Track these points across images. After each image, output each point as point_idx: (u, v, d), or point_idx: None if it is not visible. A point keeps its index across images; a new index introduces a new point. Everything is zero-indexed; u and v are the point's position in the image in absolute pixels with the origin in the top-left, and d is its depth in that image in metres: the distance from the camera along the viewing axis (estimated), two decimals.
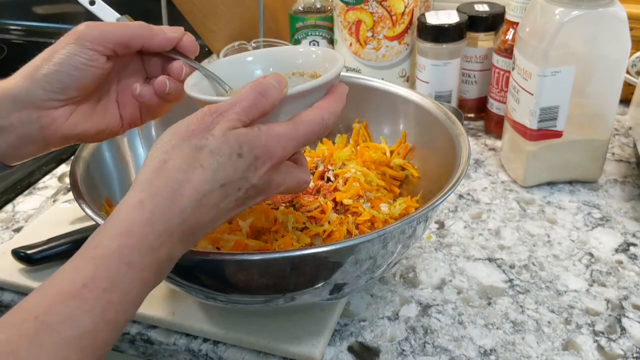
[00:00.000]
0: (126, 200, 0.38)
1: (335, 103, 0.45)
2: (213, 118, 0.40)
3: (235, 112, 0.40)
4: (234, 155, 0.39)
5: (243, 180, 0.40)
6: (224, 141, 0.39)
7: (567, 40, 0.66)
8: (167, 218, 0.37)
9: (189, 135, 0.39)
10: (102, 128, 0.50)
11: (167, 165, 0.38)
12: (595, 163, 0.74)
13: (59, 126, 0.47)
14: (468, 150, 0.54)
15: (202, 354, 0.54)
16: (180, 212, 0.38)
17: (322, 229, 0.54)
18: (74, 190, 0.51)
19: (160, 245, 0.37)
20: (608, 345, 0.54)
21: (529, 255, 0.65)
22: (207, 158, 0.39)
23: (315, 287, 0.49)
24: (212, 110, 0.40)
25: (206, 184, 0.38)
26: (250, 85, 0.42)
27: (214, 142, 0.39)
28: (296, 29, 0.96)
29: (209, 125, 0.40)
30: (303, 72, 0.52)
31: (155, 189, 0.38)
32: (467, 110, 0.91)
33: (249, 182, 0.40)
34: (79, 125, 0.48)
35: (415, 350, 0.54)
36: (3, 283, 0.61)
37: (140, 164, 0.64)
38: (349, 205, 0.58)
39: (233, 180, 0.39)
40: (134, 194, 0.38)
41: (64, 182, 0.78)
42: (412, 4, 0.88)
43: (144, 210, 0.37)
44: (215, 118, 0.40)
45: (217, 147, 0.39)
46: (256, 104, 0.41)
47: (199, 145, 0.39)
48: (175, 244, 0.38)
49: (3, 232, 0.70)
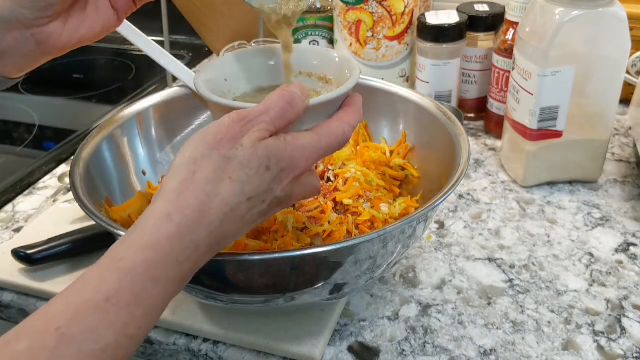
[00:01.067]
0: (153, 211, 0.37)
1: (354, 115, 0.45)
2: (242, 126, 0.40)
3: (264, 122, 0.40)
4: (262, 168, 0.39)
5: (268, 192, 0.40)
6: (253, 153, 0.39)
7: (567, 40, 0.66)
8: (195, 231, 0.37)
9: (216, 144, 0.39)
10: (99, 28, 0.49)
11: (196, 176, 0.38)
12: (595, 163, 0.74)
13: (57, 39, 0.47)
14: (468, 150, 0.54)
15: (202, 354, 0.54)
16: (208, 225, 0.37)
17: (322, 229, 0.54)
18: (74, 190, 0.51)
19: (187, 258, 0.37)
20: (608, 345, 0.54)
21: (529, 255, 0.65)
22: (236, 170, 0.38)
23: (315, 287, 0.49)
24: (241, 117, 0.40)
25: (234, 197, 0.38)
26: (277, 94, 0.41)
27: (243, 153, 0.39)
28: (296, 29, 0.96)
29: (238, 134, 0.39)
30: (311, 73, 0.52)
31: (184, 202, 0.37)
32: (467, 110, 0.91)
33: (273, 194, 0.40)
34: (76, 33, 0.48)
35: (415, 350, 0.54)
36: (3, 283, 0.61)
37: (140, 164, 0.64)
38: (349, 205, 0.58)
39: (259, 193, 0.39)
40: (161, 205, 0.37)
41: (64, 182, 0.78)
42: (412, 4, 0.88)
43: (171, 223, 0.36)
44: (244, 126, 0.40)
45: (246, 160, 0.39)
46: (284, 114, 0.41)
47: (227, 155, 0.39)
48: (200, 257, 0.38)
49: (3, 232, 0.70)
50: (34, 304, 0.60)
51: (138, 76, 1.13)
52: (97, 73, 1.17)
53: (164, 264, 0.36)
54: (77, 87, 1.13)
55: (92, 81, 1.15)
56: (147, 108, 0.65)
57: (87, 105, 1.05)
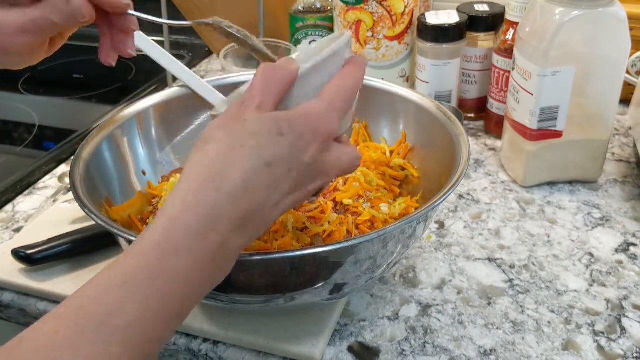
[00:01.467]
0: (170, 195, 0.37)
1: (355, 68, 0.43)
2: (239, 108, 0.39)
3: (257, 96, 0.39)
4: (273, 134, 0.38)
5: (293, 159, 0.38)
6: (261, 122, 0.38)
7: (567, 40, 0.66)
8: (211, 203, 0.36)
9: (222, 125, 0.39)
10: None
11: (207, 152, 0.38)
12: (595, 163, 0.74)
13: None
14: (468, 150, 0.54)
15: (202, 354, 0.54)
16: (227, 194, 0.36)
17: (322, 229, 0.54)
18: (74, 190, 0.51)
19: (210, 230, 0.36)
20: (608, 345, 0.54)
21: (529, 255, 0.65)
22: (247, 139, 0.38)
23: (315, 287, 0.49)
24: (237, 103, 0.40)
25: (250, 162, 0.37)
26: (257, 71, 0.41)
27: (250, 125, 0.38)
28: (296, 29, 0.96)
29: (238, 115, 0.39)
30: None
31: (196, 177, 0.37)
32: (467, 110, 0.91)
33: (300, 161, 0.39)
34: None
35: (415, 350, 0.54)
36: (3, 283, 0.61)
37: (140, 164, 0.64)
38: (349, 205, 0.58)
39: (279, 158, 0.38)
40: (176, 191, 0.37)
41: (64, 182, 0.78)
42: (412, 4, 0.88)
43: (186, 201, 0.36)
44: (241, 108, 0.39)
45: (255, 129, 0.38)
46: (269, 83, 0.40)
47: (234, 128, 0.38)
48: (227, 230, 0.36)
49: (3, 232, 0.70)
50: (34, 304, 0.60)
51: (138, 76, 1.13)
52: (97, 73, 1.17)
53: (184, 236, 0.35)
54: (77, 87, 1.13)
55: (92, 81, 1.15)
56: (147, 108, 0.65)
57: (87, 105, 1.05)
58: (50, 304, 0.60)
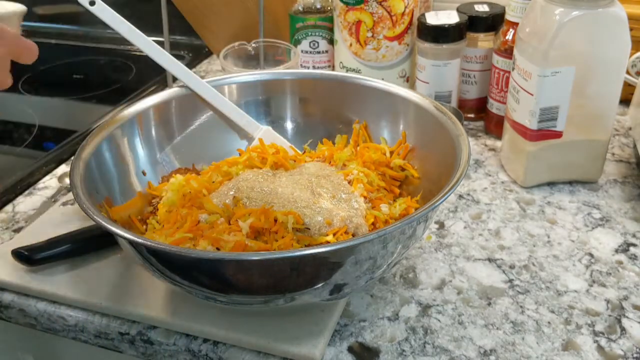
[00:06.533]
0: None
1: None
2: None
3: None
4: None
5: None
6: None
7: (567, 40, 0.66)
8: None
9: None
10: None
11: None
12: (595, 163, 0.74)
13: None
14: (468, 151, 0.54)
15: (202, 354, 0.54)
16: None
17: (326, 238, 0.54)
18: (74, 190, 0.51)
19: None
20: (608, 345, 0.54)
21: (529, 255, 0.65)
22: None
23: (315, 287, 0.49)
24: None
25: None
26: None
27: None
28: (296, 29, 0.96)
29: None
30: None
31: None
32: (467, 111, 0.91)
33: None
34: None
35: (415, 351, 0.54)
36: (3, 283, 0.61)
37: (140, 164, 0.64)
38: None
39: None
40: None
41: (64, 182, 0.78)
42: (412, 4, 0.88)
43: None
44: None
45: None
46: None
47: None
48: None
49: (3, 232, 0.70)
50: (34, 304, 0.60)
51: (138, 76, 1.13)
52: (97, 73, 1.17)
53: None
54: (77, 87, 1.13)
55: (92, 81, 1.15)
56: (147, 108, 0.65)
57: (87, 105, 1.05)
58: (50, 304, 0.60)
